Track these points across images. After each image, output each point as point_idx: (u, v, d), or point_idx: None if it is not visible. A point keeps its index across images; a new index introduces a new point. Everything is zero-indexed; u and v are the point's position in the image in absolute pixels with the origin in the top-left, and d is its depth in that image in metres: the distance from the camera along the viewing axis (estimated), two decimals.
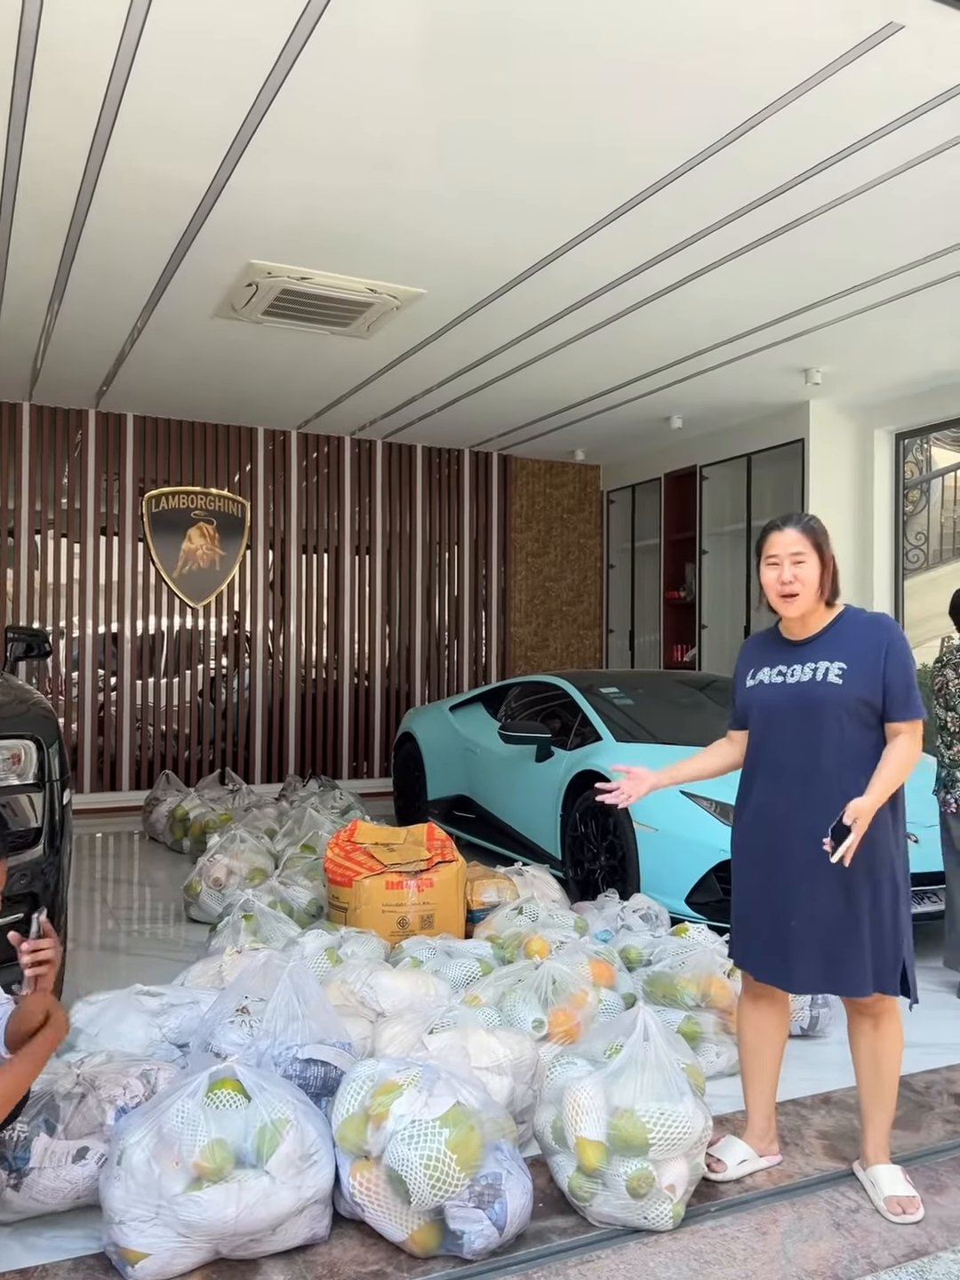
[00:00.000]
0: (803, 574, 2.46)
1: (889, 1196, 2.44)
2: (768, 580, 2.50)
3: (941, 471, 9.01)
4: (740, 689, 2.64)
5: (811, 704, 2.44)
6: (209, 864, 5.01)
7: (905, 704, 2.44)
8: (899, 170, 4.12)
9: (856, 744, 2.43)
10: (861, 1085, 2.57)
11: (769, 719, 2.52)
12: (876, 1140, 2.55)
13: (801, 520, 2.53)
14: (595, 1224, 2.36)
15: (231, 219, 4.65)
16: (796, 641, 2.54)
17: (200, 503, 8.66)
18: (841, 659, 2.44)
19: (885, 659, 2.43)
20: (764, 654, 2.62)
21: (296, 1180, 2.20)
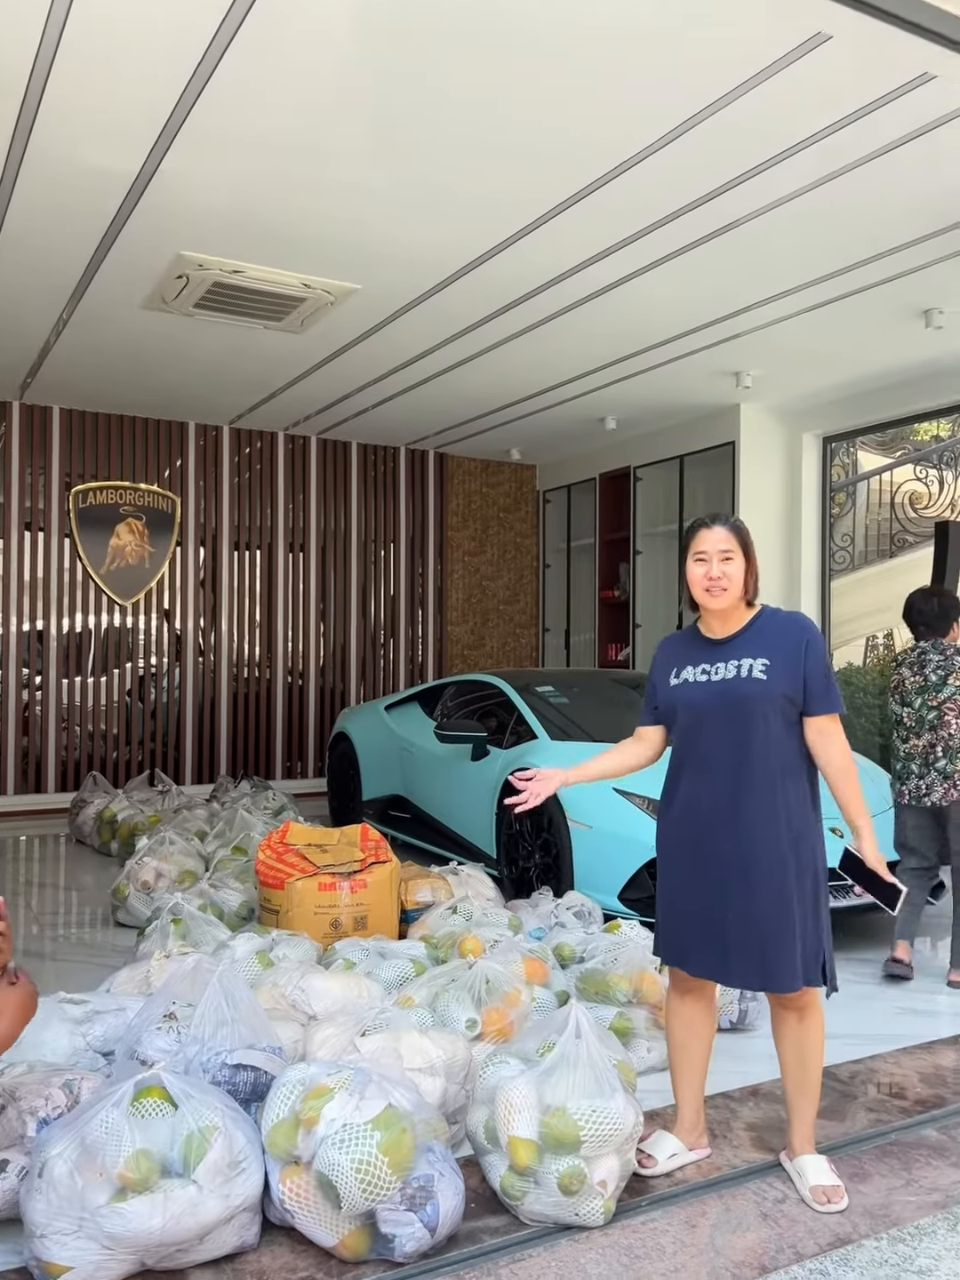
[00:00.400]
0: (730, 571, 2.51)
1: (814, 1186, 2.48)
2: (695, 576, 2.54)
3: (867, 475, 9.22)
4: (662, 687, 2.64)
5: (738, 700, 2.48)
6: (137, 867, 4.91)
7: (825, 698, 2.51)
8: (828, 178, 4.20)
9: (781, 739, 2.49)
10: (787, 1078, 2.61)
11: (697, 717, 2.54)
12: (802, 1131, 2.59)
13: (729, 520, 2.58)
14: (527, 1222, 2.36)
15: (161, 209, 4.56)
16: (717, 640, 2.58)
17: (129, 498, 8.49)
18: (764, 655, 2.49)
19: (805, 655, 2.49)
20: (685, 652, 2.63)
21: (225, 1188, 2.16)
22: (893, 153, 3.98)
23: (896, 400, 7.23)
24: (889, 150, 3.97)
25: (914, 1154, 2.74)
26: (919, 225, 4.68)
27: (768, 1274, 2.22)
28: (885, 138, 3.88)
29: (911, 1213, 2.46)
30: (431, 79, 3.53)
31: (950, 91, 3.56)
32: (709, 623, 2.61)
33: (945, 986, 4.10)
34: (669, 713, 2.62)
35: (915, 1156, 2.72)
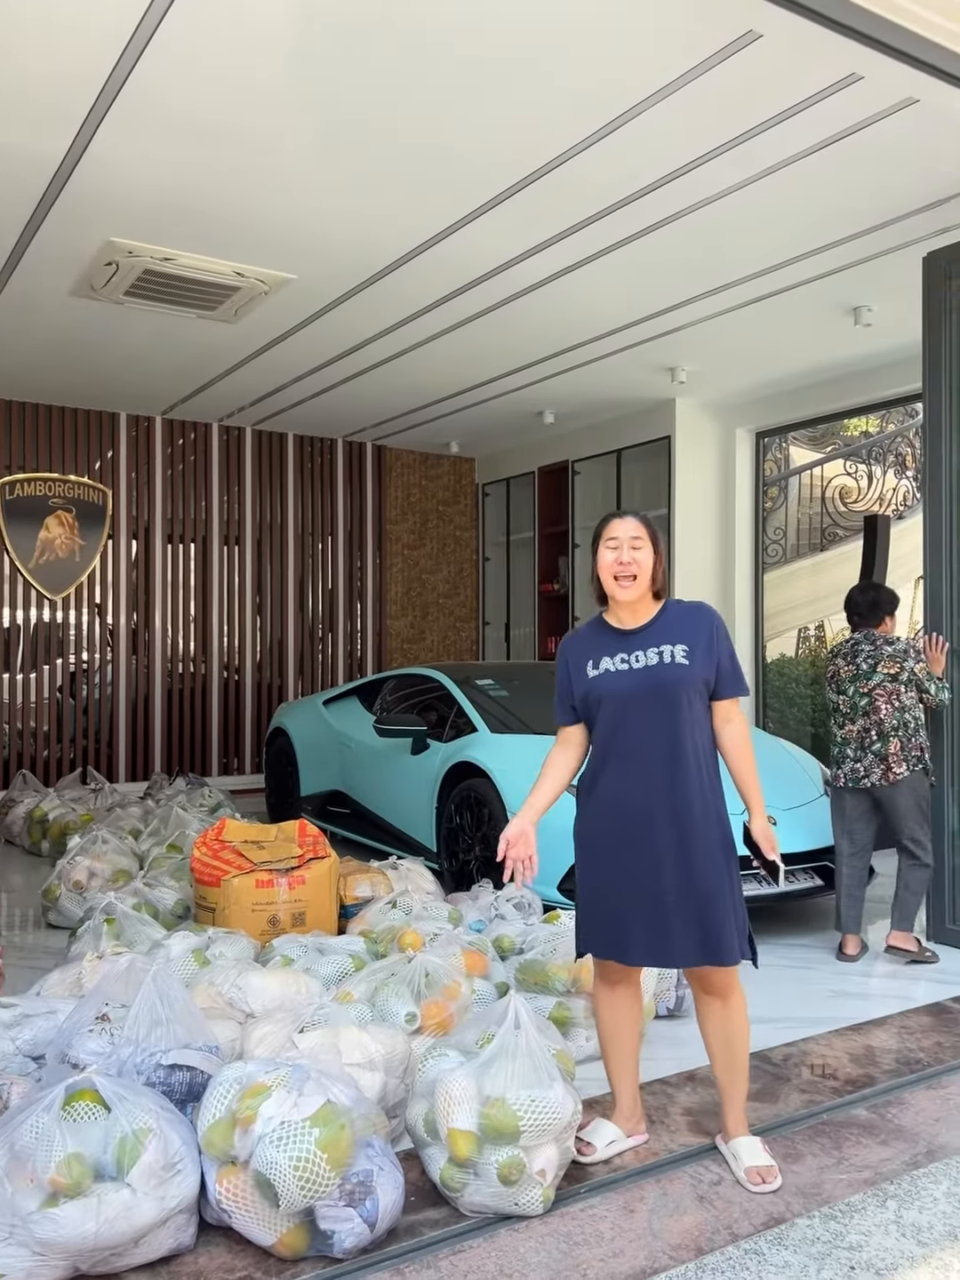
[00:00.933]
0: (640, 558, 2.55)
1: (749, 1167, 2.52)
2: (605, 562, 2.57)
3: (798, 469, 9.39)
4: (579, 680, 2.62)
5: (665, 685, 2.52)
6: (69, 866, 4.81)
7: (734, 681, 2.60)
8: (756, 176, 4.26)
9: (701, 721, 2.57)
10: (716, 1064, 2.63)
11: (622, 705, 2.55)
12: (735, 1114, 2.63)
13: (639, 513, 2.64)
14: (467, 1214, 2.36)
15: (89, 194, 4.46)
16: (629, 630, 2.60)
17: (58, 490, 8.30)
18: (682, 642, 2.55)
19: (716, 640, 2.57)
20: (598, 645, 2.64)
21: (160, 1191, 2.13)
22: (821, 152, 4.05)
23: (827, 396, 7.37)
24: (818, 149, 4.04)
25: (845, 1133, 2.80)
26: (848, 224, 4.77)
27: (704, 1255, 2.25)
28: (814, 137, 3.95)
29: (842, 1191, 2.52)
30: (368, 70, 3.50)
31: (878, 93, 3.63)
32: (618, 614, 2.63)
33: (877, 966, 4.20)
34: (590, 705, 2.61)
35: (846, 1135, 2.79)
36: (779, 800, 4.69)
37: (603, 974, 2.71)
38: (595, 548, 2.62)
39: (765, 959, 4.26)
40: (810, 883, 4.59)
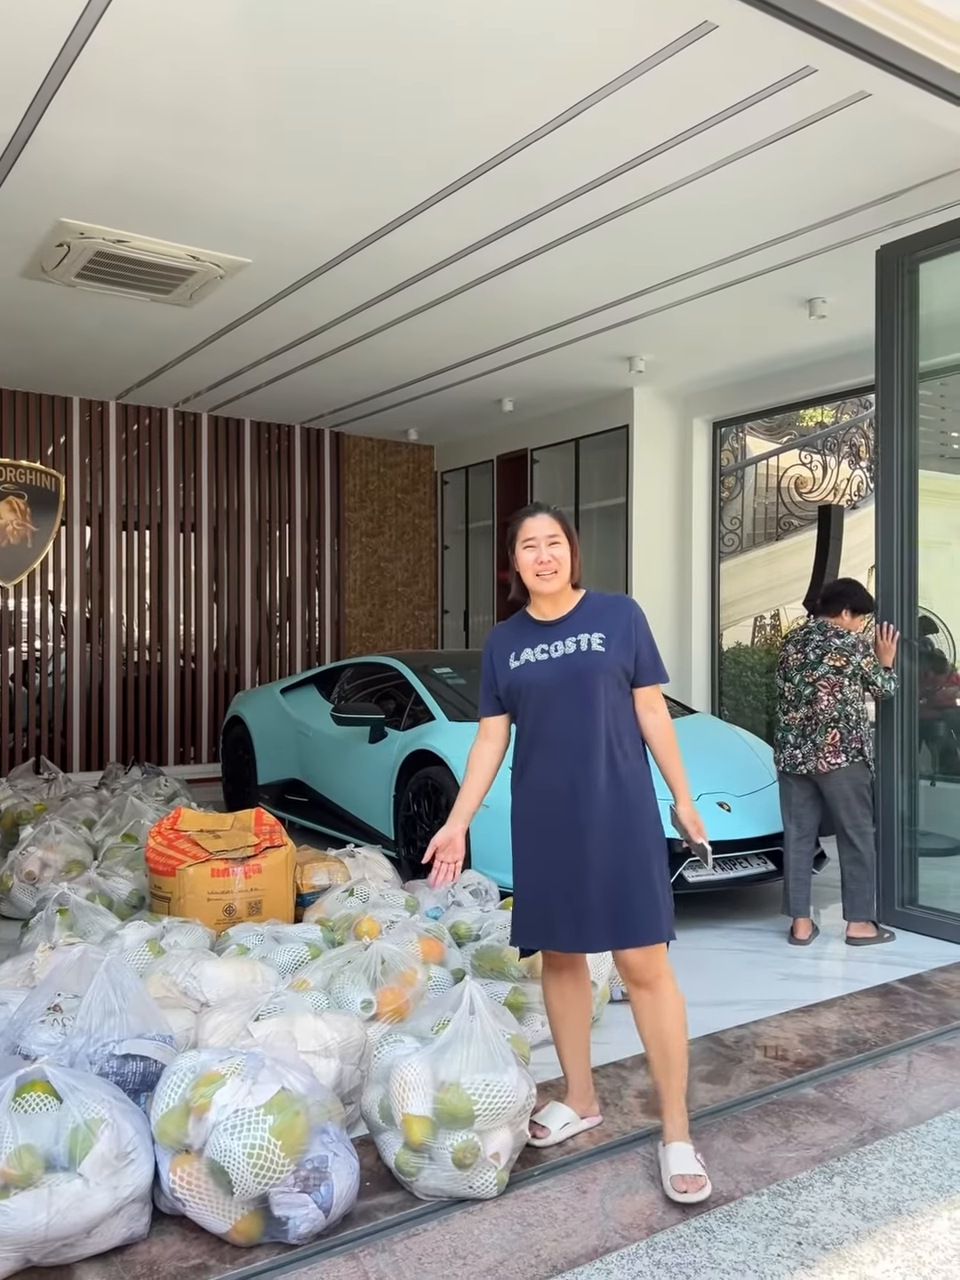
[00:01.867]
0: (558, 554, 2.60)
1: (675, 1175, 2.43)
2: (525, 561, 2.61)
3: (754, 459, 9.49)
4: (502, 671, 2.66)
5: (581, 672, 2.56)
6: (21, 857, 4.75)
7: (653, 669, 2.65)
8: (711, 168, 4.28)
9: (622, 707, 2.61)
10: (653, 1061, 2.57)
11: (543, 695, 2.58)
12: (670, 1115, 2.55)
13: (552, 509, 2.68)
14: (422, 1198, 2.38)
15: (39, 174, 4.37)
16: (550, 622, 2.65)
17: (9, 475, 8.15)
18: (599, 630, 2.60)
19: (634, 629, 2.63)
20: (520, 637, 2.68)
21: (113, 1180, 2.12)
22: (776, 144, 4.09)
23: (783, 387, 7.45)
24: (772, 142, 4.07)
25: (794, 1112, 2.85)
26: (802, 216, 4.82)
27: (655, 1234, 2.29)
28: (769, 129, 3.97)
29: (791, 1168, 2.57)
30: (320, 53, 3.47)
31: (830, 86, 3.67)
32: (540, 607, 2.68)
33: (827, 949, 4.28)
34: (512, 696, 2.65)
35: (795, 1115, 2.84)
36: (733, 786, 4.75)
37: (546, 960, 2.73)
38: (512, 546, 2.66)
39: (718, 943, 4.36)
40: (763, 868, 4.66)
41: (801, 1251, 2.24)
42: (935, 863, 4.73)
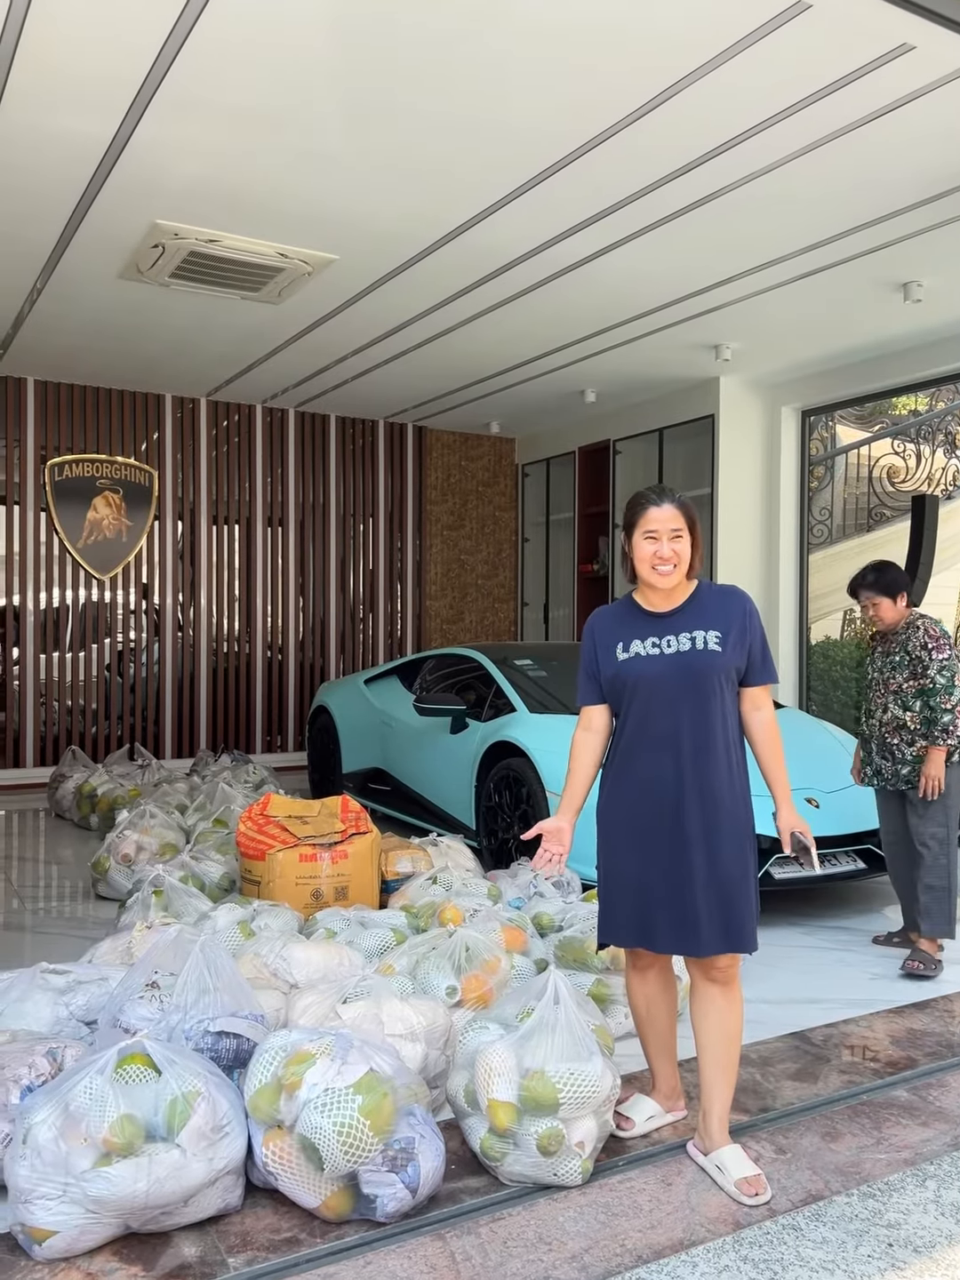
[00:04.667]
0: (680, 549, 2.52)
1: (739, 1180, 2.38)
2: (644, 553, 2.52)
3: (845, 449, 9.26)
4: (607, 662, 2.57)
5: (698, 672, 2.48)
6: (118, 840, 4.92)
7: (764, 669, 2.56)
8: (805, 150, 4.19)
9: (731, 709, 2.54)
10: (707, 1059, 2.51)
11: (652, 691, 2.50)
12: (719, 1120, 2.49)
13: (677, 497, 2.56)
14: (507, 1183, 2.41)
15: (135, 178, 4.50)
16: (661, 613, 2.56)
17: (105, 471, 8.42)
18: (715, 628, 2.51)
19: (749, 625, 2.54)
20: (629, 626, 2.58)
21: (208, 1152, 2.19)
22: (870, 125, 3.98)
23: (874, 374, 7.25)
24: (867, 122, 3.96)
25: (885, 1114, 2.80)
26: (897, 198, 4.68)
27: (741, 1229, 2.27)
28: (863, 110, 3.87)
29: (882, 1170, 2.53)
30: (405, 52, 3.50)
31: (928, 63, 3.56)
32: (650, 597, 2.59)
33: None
34: (618, 689, 2.56)
35: (886, 1116, 2.79)
36: (821, 783, 4.66)
37: (632, 961, 2.70)
38: (630, 532, 2.57)
39: (805, 940, 4.29)
40: (852, 865, 4.56)
41: (892, 1253, 2.20)
42: None
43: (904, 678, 4.00)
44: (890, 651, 4.07)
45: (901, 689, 4.00)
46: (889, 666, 4.06)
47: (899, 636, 4.06)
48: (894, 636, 4.08)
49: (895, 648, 4.05)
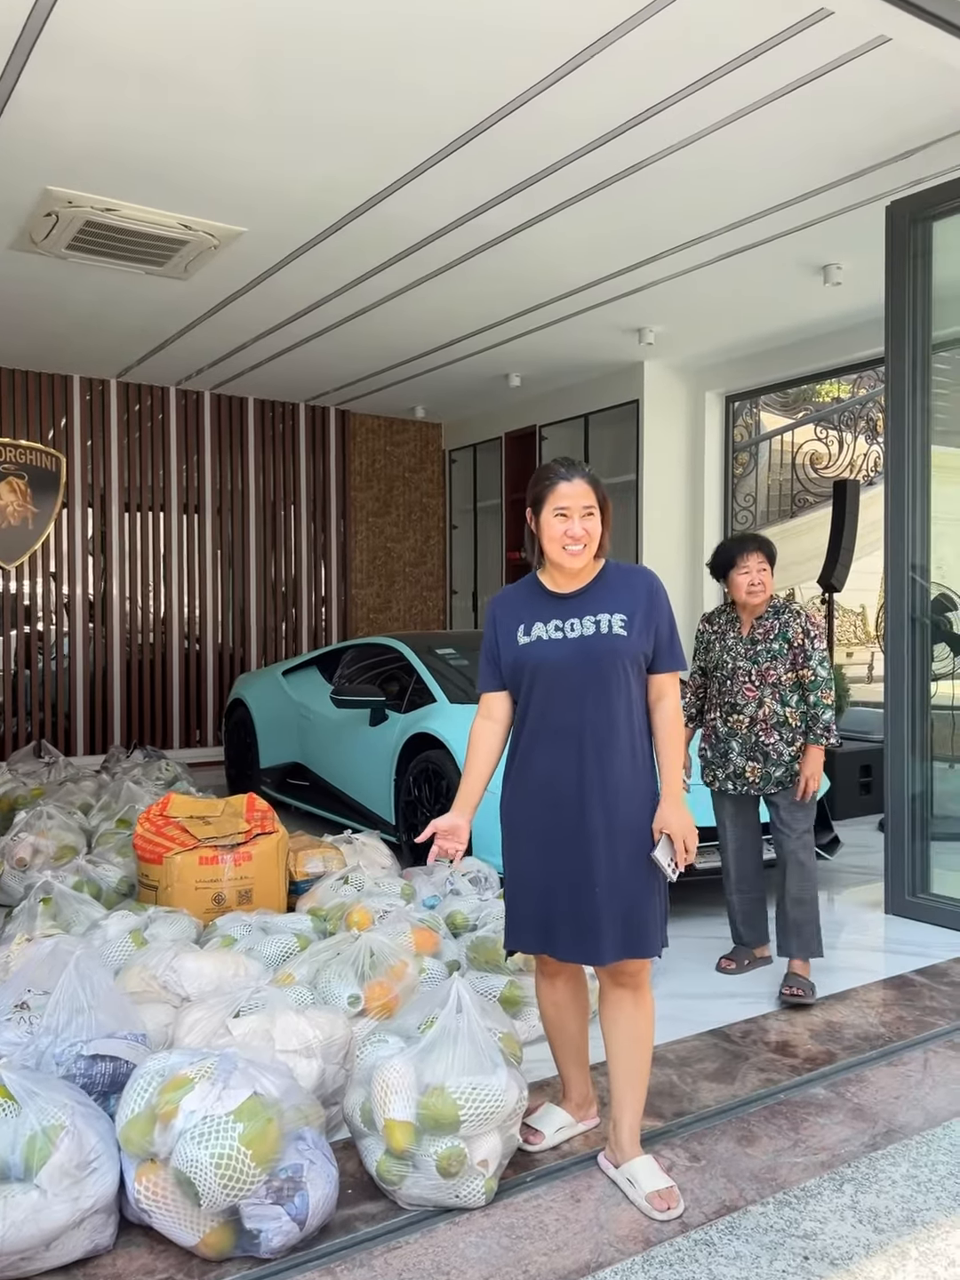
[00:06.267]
0: (592, 528, 2.35)
1: (650, 1193, 2.25)
2: (554, 532, 2.34)
3: (768, 435, 9.26)
4: (508, 646, 2.39)
5: (600, 658, 2.31)
6: (12, 843, 4.64)
7: (672, 654, 2.40)
8: (722, 122, 4.08)
9: (638, 698, 2.37)
10: (618, 1068, 2.38)
11: (552, 678, 2.33)
12: (630, 1130, 2.36)
13: (587, 472, 2.37)
14: (406, 1207, 2.25)
15: (21, 138, 4.22)
16: (565, 595, 2.39)
17: (9, 456, 8.03)
18: (620, 610, 2.34)
19: (654, 606, 2.37)
20: (530, 608, 2.40)
21: (73, 1191, 1.99)
22: (789, 96, 3.88)
23: (797, 359, 7.23)
24: (786, 93, 3.87)
25: (802, 1113, 2.71)
26: (816, 176, 4.61)
27: (652, 1247, 2.15)
28: (782, 79, 3.78)
29: (798, 1175, 2.43)
30: (317, 9, 3.29)
31: (847, 29, 3.46)
32: (555, 578, 2.41)
33: (840, 938, 4.12)
34: (517, 675, 2.39)
35: (804, 1116, 2.69)
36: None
37: (540, 966, 2.54)
38: (537, 509, 2.39)
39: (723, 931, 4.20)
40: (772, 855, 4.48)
41: (808, 1267, 2.10)
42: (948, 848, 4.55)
43: (784, 669, 3.57)
44: (760, 639, 3.60)
45: (781, 681, 3.56)
46: (765, 655, 3.58)
47: (767, 622, 3.60)
48: (762, 621, 3.61)
49: (770, 634, 3.59)
